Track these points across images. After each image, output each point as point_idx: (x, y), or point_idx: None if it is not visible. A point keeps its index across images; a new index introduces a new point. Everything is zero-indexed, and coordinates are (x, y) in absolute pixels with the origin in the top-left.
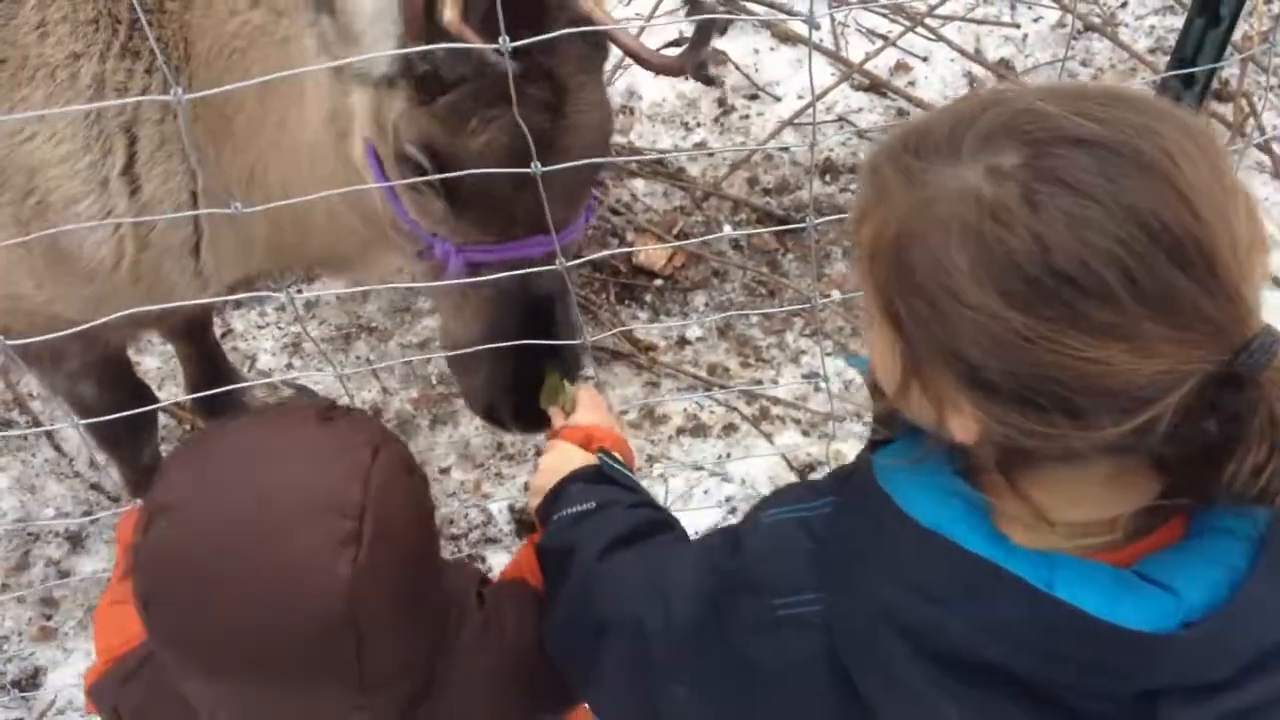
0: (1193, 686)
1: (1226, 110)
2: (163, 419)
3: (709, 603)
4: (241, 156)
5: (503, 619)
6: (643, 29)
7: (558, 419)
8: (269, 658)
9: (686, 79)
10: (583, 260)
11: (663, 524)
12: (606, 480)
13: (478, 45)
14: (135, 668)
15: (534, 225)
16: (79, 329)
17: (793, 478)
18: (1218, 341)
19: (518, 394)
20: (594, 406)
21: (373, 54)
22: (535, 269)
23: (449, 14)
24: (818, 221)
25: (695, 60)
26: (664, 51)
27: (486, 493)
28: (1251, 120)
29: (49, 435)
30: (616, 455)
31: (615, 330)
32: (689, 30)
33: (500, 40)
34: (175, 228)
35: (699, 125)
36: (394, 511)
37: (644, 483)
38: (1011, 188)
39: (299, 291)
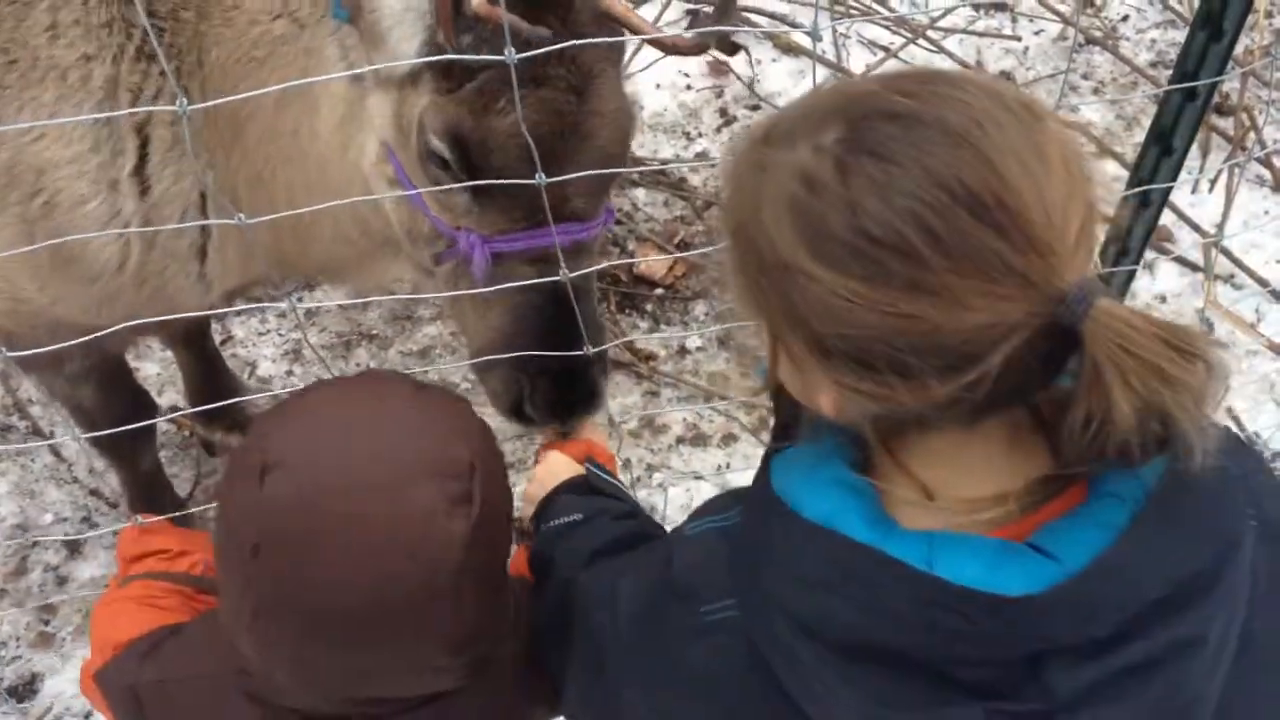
0: (1076, 645)
1: (1227, 124)
2: (161, 425)
3: (648, 608)
4: (249, 163)
5: (520, 609)
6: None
7: (551, 431)
8: (374, 615)
9: (687, 100)
10: (584, 272)
11: (646, 535)
12: (595, 491)
13: (521, 23)
14: (151, 648)
15: (558, 213)
16: (84, 339)
17: None
18: (1032, 295)
19: (549, 385)
20: (589, 432)
21: (400, 53)
22: (540, 280)
23: (477, 0)
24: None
25: (717, 34)
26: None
27: None
28: (1252, 134)
29: (49, 442)
30: (605, 467)
31: (618, 341)
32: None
33: (506, 52)
34: (183, 230)
35: (700, 135)
36: (494, 474)
37: (643, 493)
38: (826, 160)
39: (300, 300)
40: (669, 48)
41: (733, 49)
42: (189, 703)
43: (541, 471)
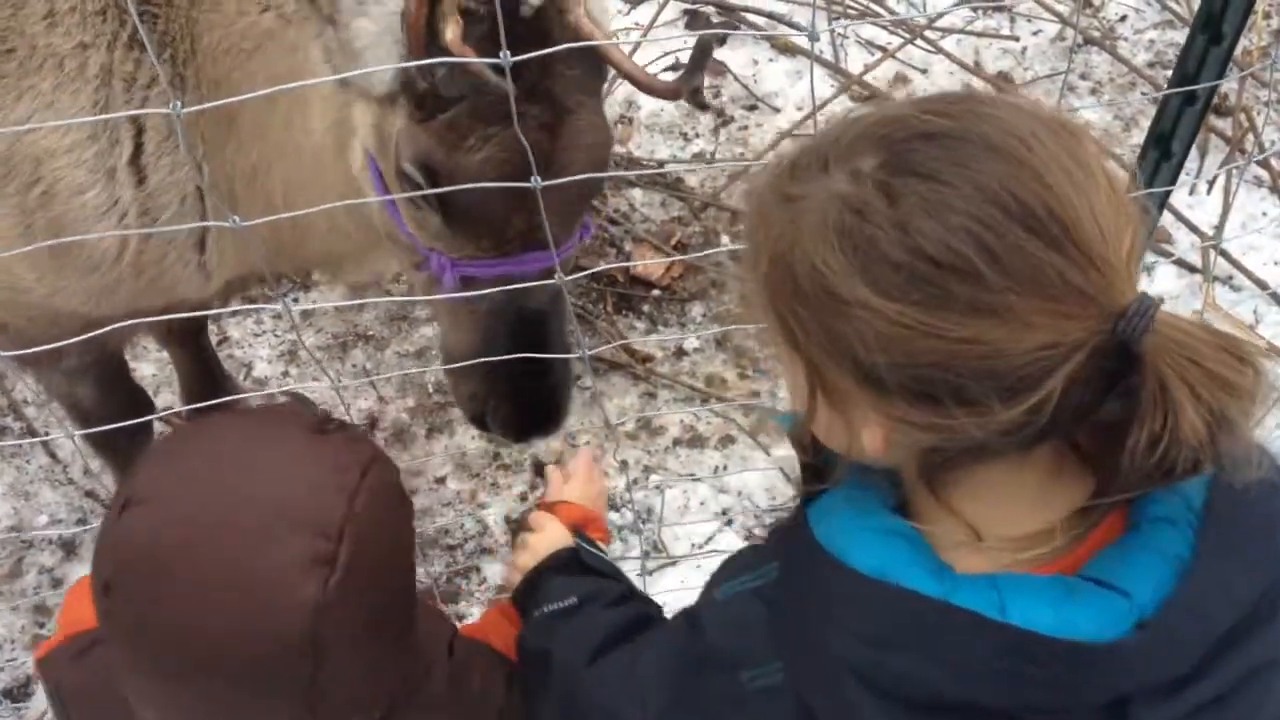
0: (1159, 685)
1: (1225, 125)
2: (159, 426)
3: (679, 686)
4: (244, 154)
5: (469, 678)
6: (638, 45)
7: (555, 482)
8: (221, 666)
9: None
10: (581, 275)
11: (645, 619)
12: (586, 570)
13: (478, 60)
14: (87, 647)
15: (528, 242)
16: (84, 337)
17: (790, 490)
18: (1092, 311)
19: (508, 405)
20: (589, 479)
21: (375, 69)
22: (528, 284)
23: (450, 34)
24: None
25: (691, 85)
26: (662, 75)
27: (482, 502)
28: (1250, 136)
29: (43, 442)
30: (595, 539)
31: (615, 343)
32: (688, 42)
33: (501, 55)
34: (183, 219)
35: (698, 136)
36: (374, 538)
37: (640, 494)
38: (869, 185)
39: (295, 301)
40: (645, 87)
41: (703, 105)
42: (107, 716)
43: (534, 540)
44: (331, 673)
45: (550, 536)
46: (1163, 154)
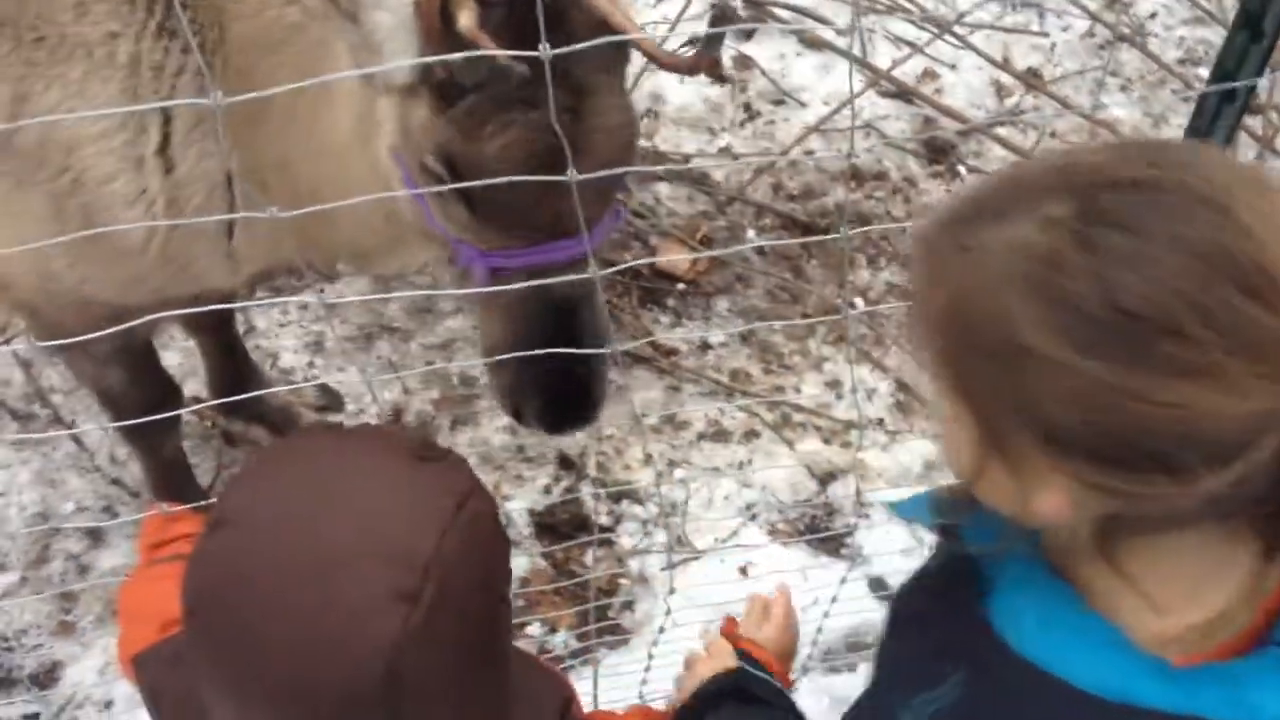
0: None
1: (1255, 123)
2: (185, 415)
3: None
4: (275, 145)
5: None
6: (664, 39)
7: (754, 616)
8: (298, 697)
9: (707, 79)
10: (607, 270)
11: None
12: (753, 700)
13: (502, 52)
14: (176, 656)
15: (557, 229)
16: (112, 330)
17: (814, 486)
18: None
19: (543, 396)
20: (785, 626)
21: (394, 63)
22: (556, 279)
23: (465, 21)
24: (852, 233)
25: (710, 55)
26: (680, 51)
27: (506, 494)
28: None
29: (70, 429)
30: (760, 662)
31: (642, 340)
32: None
33: (540, 48)
34: (210, 209)
35: (724, 130)
36: (464, 576)
37: (664, 488)
38: (1063, 234)
39: (321, 291)
40: (665, 64)
41: (721, 78)
42: None
43: (702, 667)
44: (411, 715)
45: (718, 657)
46: None
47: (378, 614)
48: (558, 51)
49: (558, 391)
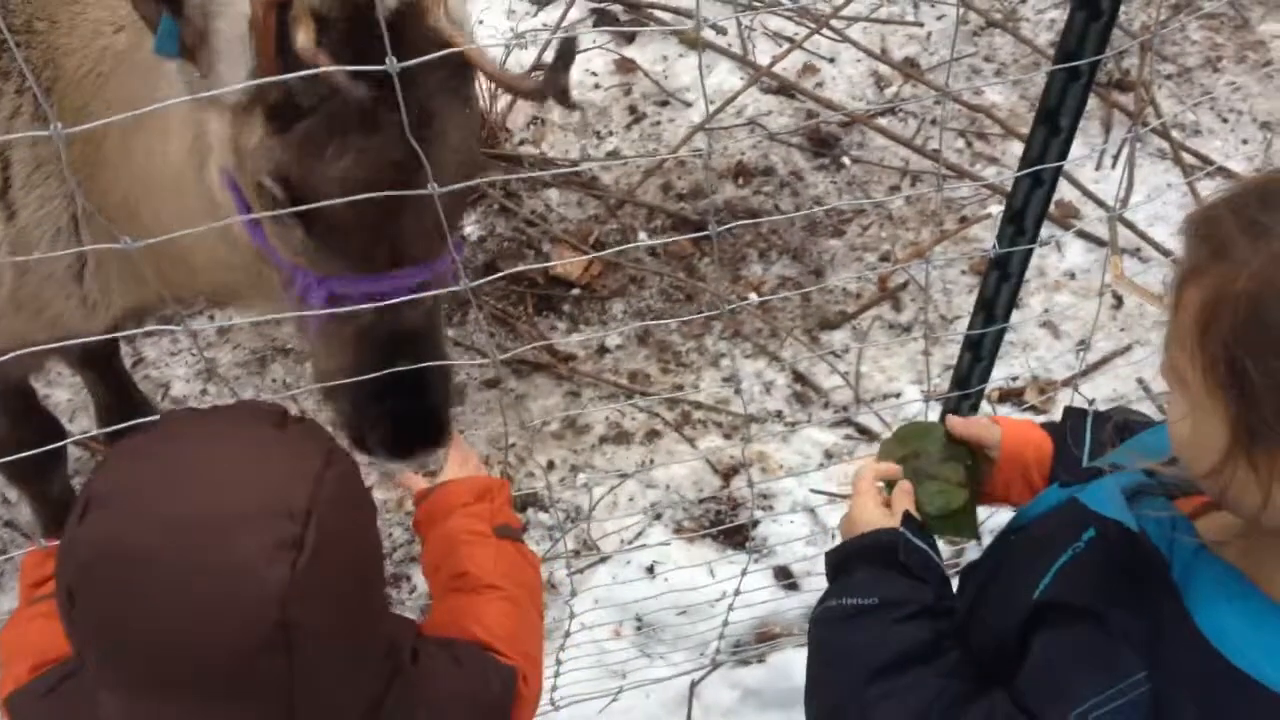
0: None
1: (1128, 100)
2: (75, 451)
3: None
4: (116, 185)
5: (437, 681)
6: (546, 44)
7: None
8: (195, 665)
9: (548, 102)
10: (500, 275)
11: (937, 646)
12: (896, 567)
13: (344, 68)
14: (56, 683)
15: (399, 257)
16: None
17: (716, 481)
18: None
19: (384, 425)
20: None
21: (227, 80)
22: (398, 300)
23: (302, 39)
24: (721, 229)
25: (556, 85)
26: (532, 75)
27: (410, 510)
28: (1151, 109)
29: None
30: (918, 522)
31: (535, 344)
32: (596, 40)
33: (388, 62)
34: (57, 251)
35: (611, 134)
36: (341, 525)
37: (567, 494)
38: None
39: (212, 319)
40: (506, 86)
41: (570, 105)
42: None
43: (856, 510)
44: (309, 668)
45: (867, 512)
46: (1051, 130)
47: (265, 565)
48: (405, 65)
49: (402, 417)
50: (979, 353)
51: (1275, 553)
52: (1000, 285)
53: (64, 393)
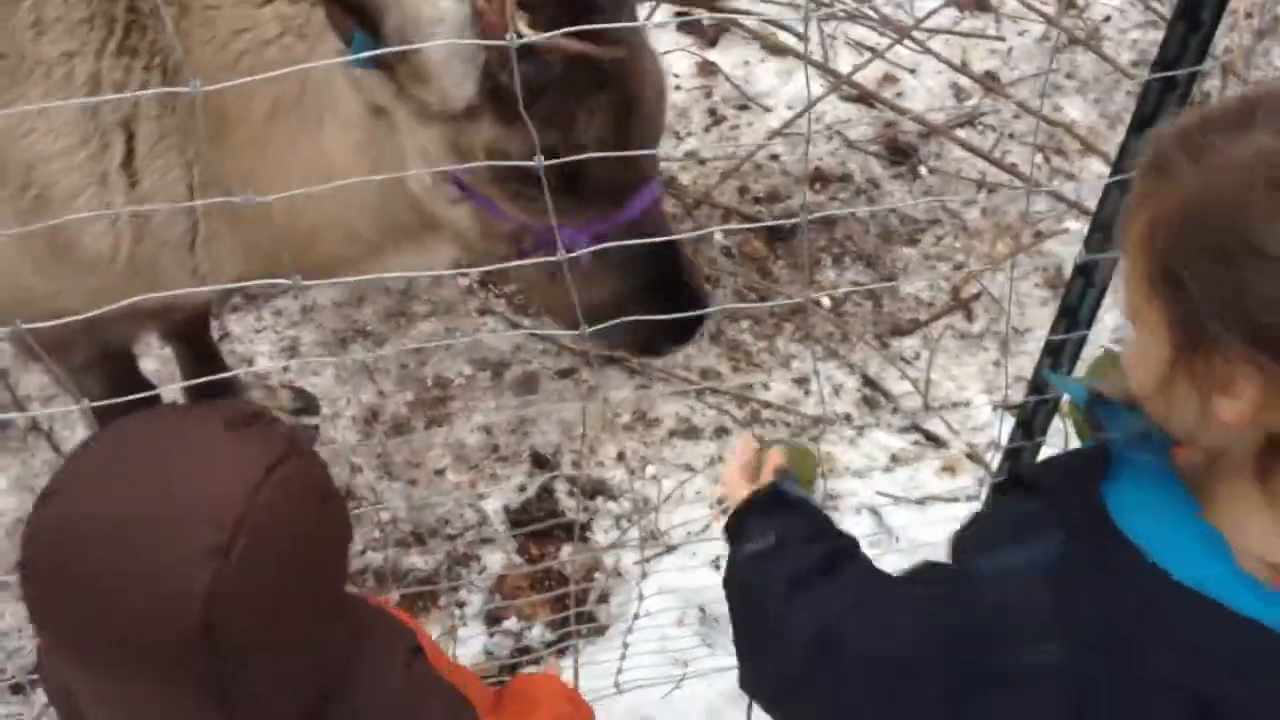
0: None
1: None
2: None
3: (936, 652)
4: (236, 163)
5: (429, 703)
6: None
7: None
8: (128, 653)
9: (678, 88)
10: (585, 250)
11: (843, 554)
12: (783, 507)
13: (592, 49)
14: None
15: (638, 180)
16: (82, 317)
17: None
18: None
19: (666, 323)
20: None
21: (453, 95)
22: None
23: (524, 27)
24: (811, 217)
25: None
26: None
27: (481, 493)
28: None
29: (48, 436)
30: (793, 475)
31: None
32: (680, 43)
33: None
34: (172, 222)
35: (690, 135)
36: (276, 533)
37: (637, 484)
38: None
39: (296, 299)
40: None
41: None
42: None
43: (731, 474)
44: (239, 663)
45: (742, 466)
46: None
47: (191, 570)
48: (638, 25)
49: (679, 307)
50: (1058, 359)
51: (1219, 483)
52: (1085, 292)
53: (152, 363)
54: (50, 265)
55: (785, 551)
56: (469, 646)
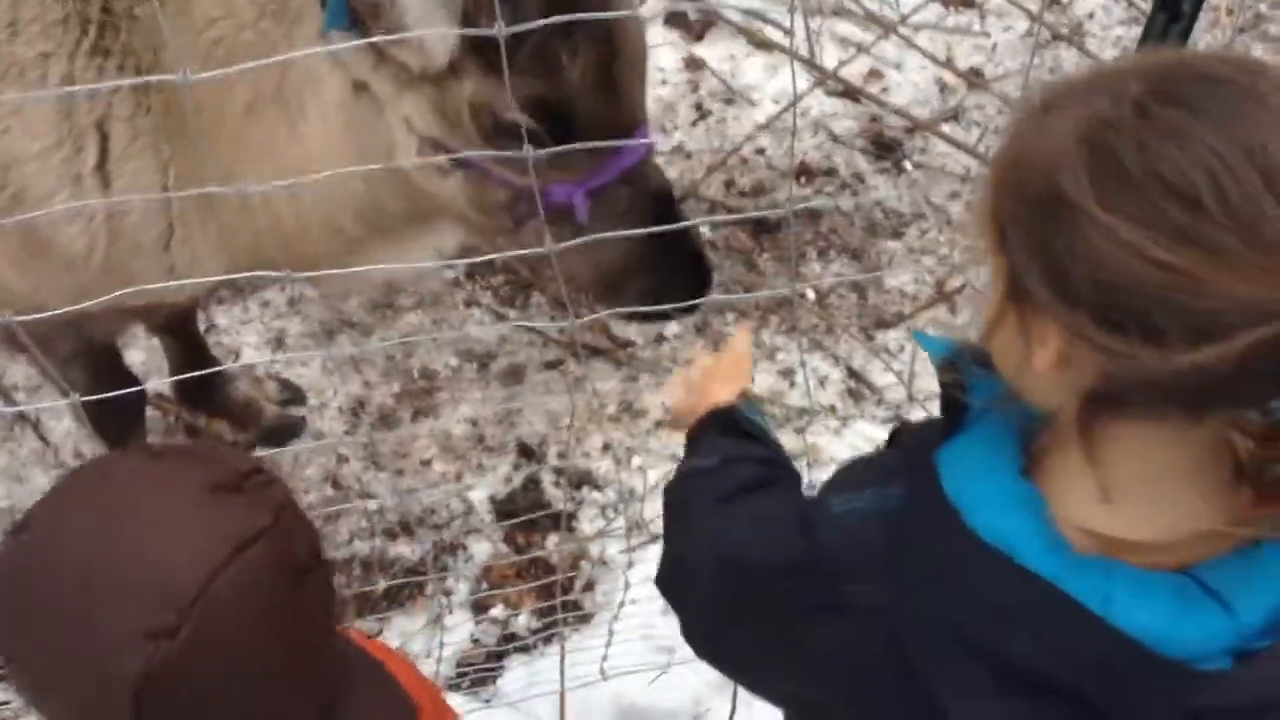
0: (1243, 707)
1: None
2: (148, 410)
3: (782, 577)
4: (216, 158)
5: None
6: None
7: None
8: (63, 703)
9: (660, 96)
10: (574, 242)
11: (774, 480)
12: (737, 433)
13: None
14: None
15: (630, 122)
16: (61, 312)
17: None
18: None
19: (680, 270)
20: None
21: (432, 51)
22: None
23: None
24: (796, 207)
25: None
26: None
27: (468, 484)
28: None
29: (34, 427)
30: (760, 400)
31: (601, 313)
32: (668, 38)
33: None
34: (147, 224)
35: (676, 128)
36: (239, 615)
37: (622, 475)
38: (1126, 106)
39: (282, 290)
40: None
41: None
42: None
43: (692, 395)
44: None
45: (710, 388)
46: None
47: (126, 650)
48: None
49: (690, 265)
50: None
51: (1052, 445)
52: None
53: (139, 354)
54: (27, 263)
55: (726, 471)
56: (455, 634)
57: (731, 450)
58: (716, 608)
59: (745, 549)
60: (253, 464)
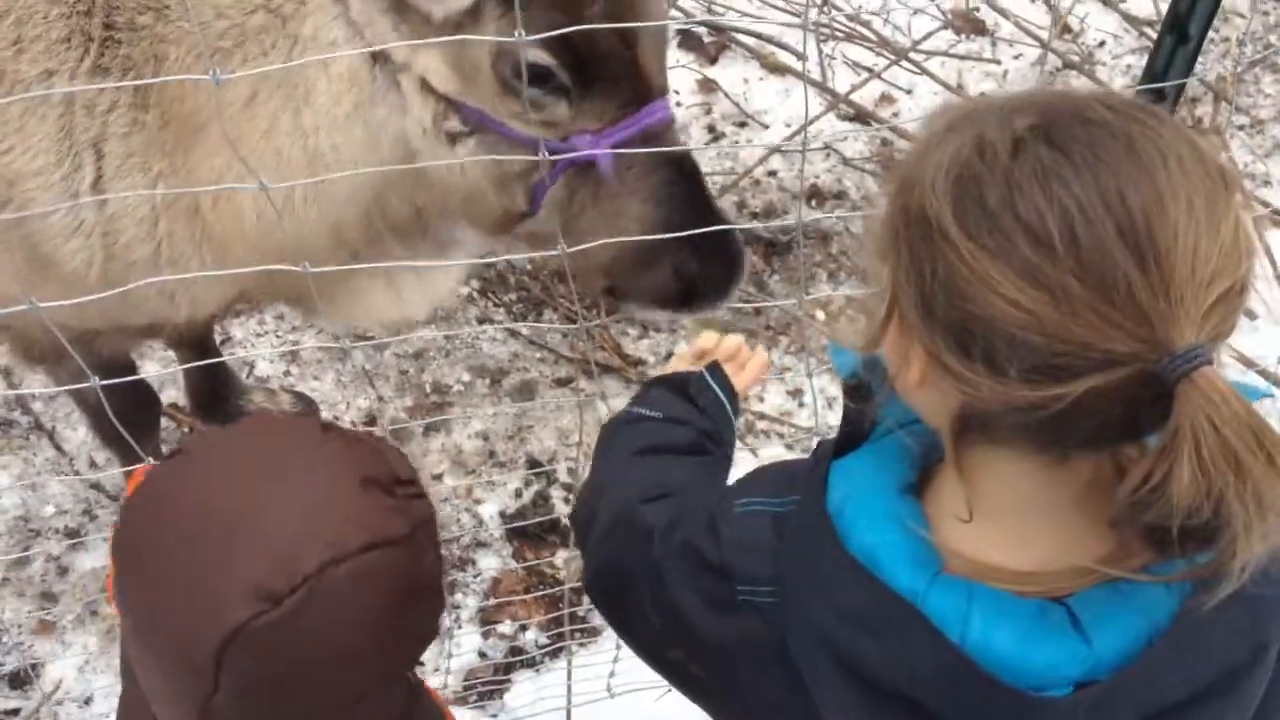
0: None
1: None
2: (162, 420)
3: (690, 570)
4: (209, 167)
5: None
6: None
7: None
8: (157, 644)
9: (679, 104)
10: (588, 245)
11: (698, 448)
12: (687, 397)
13: None
14: None
15: (651, 86)
16: (65, 306)
17: None
18: (1144, 335)
19: (712, 264)
20: (751, 380)
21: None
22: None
23: None
24: (807, 219)
25: None
26: None
27: (478, 498)
28: (1224, 155)
29: (50, 435)
30: (726, 376)
31: (612, 317)
32: (681, 60)
33: None
34: (137, 244)
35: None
36: (339, 608)
37: None
38: (1006, 137)
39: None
40: None
41: None
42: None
43: (676, 360)
44: (222, 708)
45: (686, 359)
46: None
47: (233, 597)
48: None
49: (721, 249)
50: None
51: (937, 465)
52: None
53: (154, 366)
54: (33, 279)
55: (663, 426)
56: (464, 648)
57: (681, 412)
58: (607, 558)
59: (641, 513)
60: (411, 474)
